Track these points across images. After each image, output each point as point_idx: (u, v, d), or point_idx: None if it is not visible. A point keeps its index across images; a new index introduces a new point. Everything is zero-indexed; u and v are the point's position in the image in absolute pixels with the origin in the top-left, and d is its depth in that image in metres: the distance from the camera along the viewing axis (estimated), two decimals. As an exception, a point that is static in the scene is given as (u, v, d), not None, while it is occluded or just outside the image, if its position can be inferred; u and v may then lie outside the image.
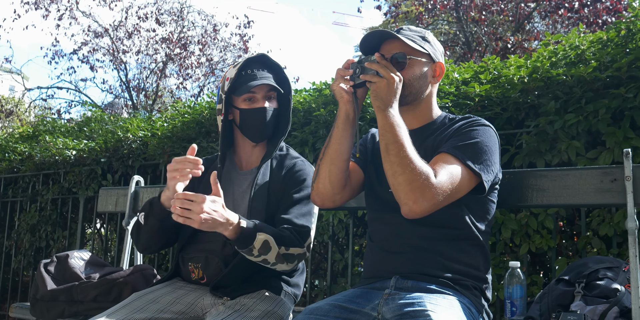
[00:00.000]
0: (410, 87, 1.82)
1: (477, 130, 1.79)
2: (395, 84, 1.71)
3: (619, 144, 2.64)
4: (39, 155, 5.35)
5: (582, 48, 3.00)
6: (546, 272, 3.26)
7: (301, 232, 2.01)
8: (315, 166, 1.91)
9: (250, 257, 1.92)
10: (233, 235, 1.86)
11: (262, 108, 2.11)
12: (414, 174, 1.62)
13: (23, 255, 5.46)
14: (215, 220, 1.80)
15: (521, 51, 9.65)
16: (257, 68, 2.12)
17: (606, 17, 8.88)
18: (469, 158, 1.71)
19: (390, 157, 1.66)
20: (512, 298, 1.95)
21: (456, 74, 3.40)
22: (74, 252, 2.64)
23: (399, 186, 1.65)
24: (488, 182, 1.73)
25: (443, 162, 1.70)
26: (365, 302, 1.71)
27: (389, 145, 1.67)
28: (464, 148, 1.73)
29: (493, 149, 1.78)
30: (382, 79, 1.70)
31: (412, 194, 1.62)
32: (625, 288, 1.87)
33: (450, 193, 1.66)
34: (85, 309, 2.38)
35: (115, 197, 3.21)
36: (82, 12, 14.83)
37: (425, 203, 1.62)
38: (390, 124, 1.68)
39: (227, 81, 2.11)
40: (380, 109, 1.70)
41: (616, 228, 2.69)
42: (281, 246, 1.92)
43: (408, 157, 1.64)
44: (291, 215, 2.04)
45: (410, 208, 1.64)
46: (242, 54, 15.43)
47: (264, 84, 2.07)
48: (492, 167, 1.75)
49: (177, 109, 5.04)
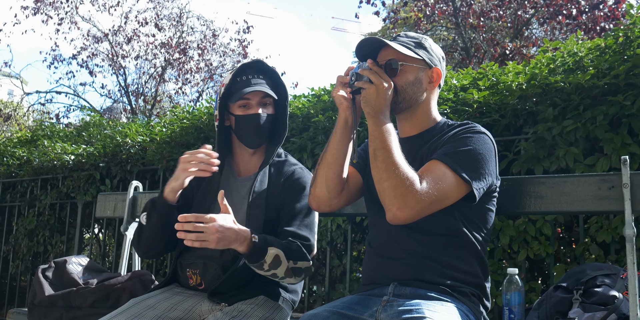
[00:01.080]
0: (403, 94, 1.83)
1: (471, 138, 1.78)
2: (385, 90, 1.72)
3: (617, 150, 2.65)
4: (37, 160, 5.35)
5: (580, 55, 3.01)
6: (544, 278, 3.26)
7: (306, 245, 2.03)
8: (314, 171, 1.92)
9: (260, 271, 1.93)
10: (246, 250, 1.87)
11: (256, 114, 2.12)
12: (398, 180, 1.63)
13: (21, 260, 5.45)
14: (229, 237, 1.81)
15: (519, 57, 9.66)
16: (252, 74, 2.13)
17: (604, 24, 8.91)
18: (460, 165, 1.70)
19: (377, 163, 1.68)
20: (510, 305, 1.95)
21: (454, 80, 3.41)
22: (72, 257, 2.63)
23: (384, 192, 1.66)
24: (479, 190, 1.72)
25: (431, 168, 1.70)
26: (363, 309, 1.70)
27: (377, 151, 1.69)
28: (455, 155, 1.72)
29: (487, 157, 1.77)
30: (371, 85, 1.72)
31: (396, 200, 1.63)
32: (623, 295, 1.87)
33: (437, 200, 1.66)
34: (83, 314, 2.37)
35: (114, 202, 3.21)
36: (81, 17, 14.86)
37: (409, 209, 1.63)
38: (380, 130, 1.70)
39: (222, 87, 2.13)
40: (370, 115, 1.72)
41: (614, 235, 2.69)
42: (290, 260, 1.93)
43: (394, 163, 1.65)
44: (294, 227, 2.05)
45: (394, 214, 1.65)
46: (241, 59, 15.44)
47: (257, 90, 2.08)
48: (484, 175, 1.74)
49: (175, 114, 5.04)
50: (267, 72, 2.18)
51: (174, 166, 4.29)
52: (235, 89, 2.10)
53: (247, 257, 1.89)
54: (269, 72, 2.18)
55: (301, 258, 1.97)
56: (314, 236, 2.09)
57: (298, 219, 2.07)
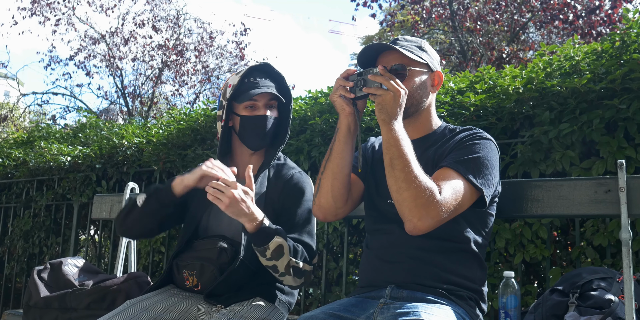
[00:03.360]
0: (411, 99, 1.81)
1: (479, 144, 1.79)
2: (402, 97, 1.69)
3: (613, 153, 2.66)
4: (34, 161, 5.34)
5: (577, 59, 3.02)
6: (540, 282, 3.26)
7: (309, 251, 2.04)
8: (317, 180, 1.89)
9: (262, 259, 1.95)
10: (253, 230, 1.91)
11: (264, 116, 2.12)
12: (418, 191, 1.61)
13: (16, 262, 5.43)
14: (241, 208, 1.86)
15: (516, 61, 9.70)
16: (260, 76, 2.13)
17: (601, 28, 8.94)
18: (471, 173, 1.71)
19: (395, 172, 1.65)
20: (507, 308, 1.95)
21: (451, 84, 3.41)
22: (67, 259, 2.63)
23: (403, 202, 1.63)
24: (489, 197, 1.74)
25: (446, 177, 1.69)
26: (360, 311, 1.70)
27: (394, 160, 1.65)
28: (466, 163, 1.73)
29: (494, 163, 1.79)
30: (387, 91, 1.68)
31: (417, 211, 1.61)
32: (619, 299, 1.87)
33: (455, 209, 1.66)
34: (79, 316, 2.37)
35: (110, 203, 3.20)
36: (78, 18, 14.85)
37: (430, 220, 1.62)
38: (395, 137, 1.67)
39: (230, 88, 2.12)
40: (385, 122, 1.68)
41: (610, 238, 2.70)
42: (293, 257, 1.95)
43: (413, 172, 1.63)
44: (296, 234, 2.06)
45: (415, 225, 1.63)
46: (238, 61, 15.47)
47: (266, 92, 2.08)
48: (492, 181, 1.76)
49: (172, 115, 5.04)
50: (274, 75, 2.19)
51: (171, 168, 4.33)
52: (243, 90, 2.10)
53: (253, 238, 1.92)
54: (276, 76, 2.19)
55: (304, 259, 1.99)
56: (314, 243, 2.11)
57: (299, 226, 2.08)
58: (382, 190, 1.83)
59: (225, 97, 2.13)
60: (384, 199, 1.85)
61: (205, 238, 2.13)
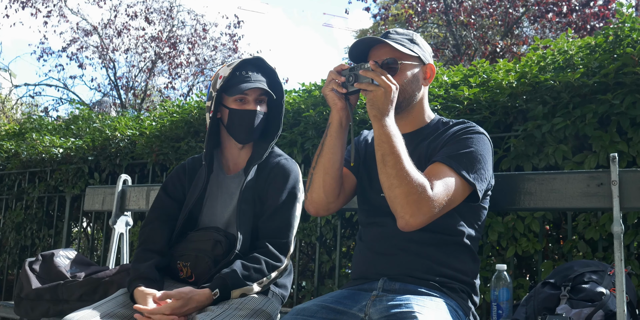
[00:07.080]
0: (403, 93, 1.81)
1: (472, 138, 1.78)
2: (392, 93, 1.68)
3: (605, 148, 2.67)
4: (26, 153, 5.31)
5: (571, 53, 3.03)
6: (532, 275, 3.28)
7: (281, 246, 2.05)
8: (308, 174, 1.89)
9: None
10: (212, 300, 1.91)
11: (253, 111, 2.11)
12: (410, 187, 1.61)
13: (8, 254, 5.42)
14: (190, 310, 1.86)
15: (510, 55, 9.71)
16: (251, 70, 2.12)
17: (594, 22, 8.96)
18: (464, 168, 1.70)
19: (387, 168, 1.64)
20: (499, 301, 1.96)
21: (445, 77, 3.41)
22: (59, 250, 2.61)
23: (395, 199, 1.63)
24: (481, 191, 1.74)
25: (438, 173, 1.69)
26: (352, 303, 1.71)
27: (386, 156, 1.65)
28: (458, 157, 1.72)
29: (487, 157, 1.78)
30: (378, 87, 1.67)
31: (409, 207, 1.61)
32: (611, 291, 1.88)
33: (447, 204, 1.66)
34: (71, 308, 2.35)
35: (102, 195, 3.19)
36: (70, 10, 14.75)
37: (422, 216, 1.62)
38: (387, 133, 1.66)
39: (220, 79, 2.10)
40: (377, 118, 1.67)
41: (602, 232, 2.71)
42: (260, 281, 1.98)
43: (405, 169, 1.62)
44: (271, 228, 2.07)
45: (407, 221, 1.63)
46: (232, 53, 15.41)
47: (257, 87, 2.07)
48: (485, 175, 1.76)
49: (165, 108, 5.02)
50: (266, 70, 2.17)
51: (164, 160, 4.32)
52: (234, 83, 2.09)
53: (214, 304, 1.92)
54: (267, 70, 2.18)
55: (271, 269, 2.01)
56: (292, 231, 2.09)
57: (278, 215, 2.08)
58: (375, 183, 1.82)
59: (215, 88, 2.12)
60: (377, 193, 1.84)
61: (200, 230, 2.13)
